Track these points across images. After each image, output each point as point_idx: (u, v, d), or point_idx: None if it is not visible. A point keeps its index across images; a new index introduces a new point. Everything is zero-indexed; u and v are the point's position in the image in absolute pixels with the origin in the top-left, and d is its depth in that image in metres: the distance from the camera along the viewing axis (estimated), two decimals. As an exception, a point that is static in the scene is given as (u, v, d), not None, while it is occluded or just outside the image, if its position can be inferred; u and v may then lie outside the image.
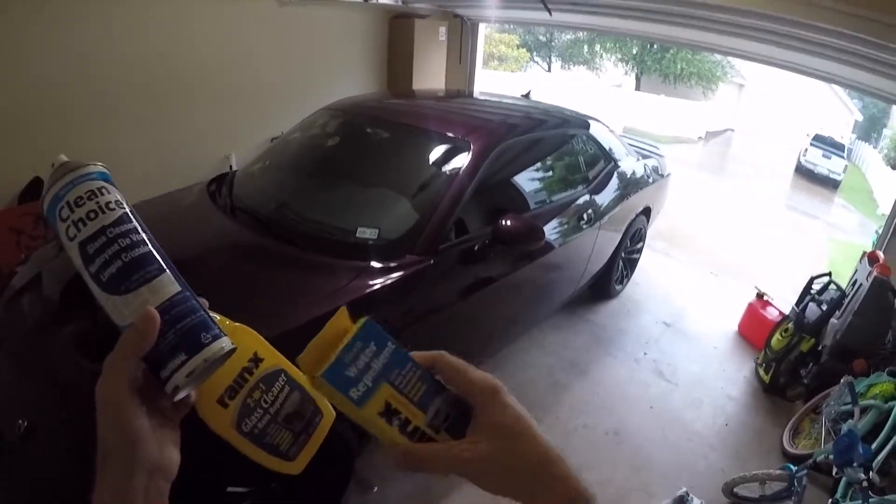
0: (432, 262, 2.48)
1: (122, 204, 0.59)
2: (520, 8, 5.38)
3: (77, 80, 4.09)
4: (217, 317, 0.64)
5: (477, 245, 2.68)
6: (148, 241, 0.59)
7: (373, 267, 2.36)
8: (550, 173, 3.54)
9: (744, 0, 2.79)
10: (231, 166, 5.29)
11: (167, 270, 0.59)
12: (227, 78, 5.11)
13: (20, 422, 1.72)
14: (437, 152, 2.99)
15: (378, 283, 2.29)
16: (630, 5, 4.12)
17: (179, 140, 4.94)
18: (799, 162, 18.49)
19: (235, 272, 2.35)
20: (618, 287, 4.71)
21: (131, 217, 0.59)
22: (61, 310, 2.18)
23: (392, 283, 2.33)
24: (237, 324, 0.68)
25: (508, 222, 2.63)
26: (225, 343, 0.58)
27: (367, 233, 2.52)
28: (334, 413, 0.69)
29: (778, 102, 25.71)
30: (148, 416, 0.54)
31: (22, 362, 2.05)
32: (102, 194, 0.58)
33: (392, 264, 2.39)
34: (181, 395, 0.57)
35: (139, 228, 0.59)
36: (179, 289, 0.59)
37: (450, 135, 2.99)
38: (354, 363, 0.56)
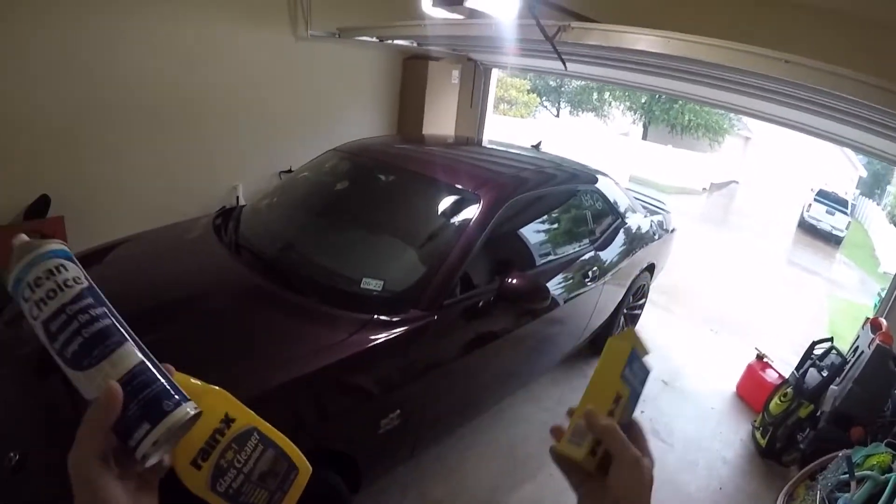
0: (436, 318, 2.46)
1: (79, 279, 0.62)
2: (535, 57, 5.42)
3: (86, 102, 4.11)
4: (189, 379, 0.67)
5: (481, 301, 2.67)
6: (108, 314, 0.62)
7: (376, 320, 2.32)
8: (557, 229, 3.53)
9: (759, 64, 2.79)
10: (238, 197, 5.31)
11: (128, 341, 0.62)
12: (238, 108, 5.15)
13: (11, 454, 1.68)
14: (446, 204, 2.99)
15: (380, 338, 2.26)
16: (641, 60, 4.15)
17: (188, 167, 4.96)
18: (802, 217, 18.59)
19: (232, 315, 2.31)
20: (617, 342, 4.61)
21: (89, 292, 0.62)
22: None
23: (394, 338, 2.29)
24: (207, 385, 0.69)
25: (514, 280, 2.62)
26: (188, 408, 0.60)
27: (371, 284, 2.50)
28: (311, 468, 0.72)
29: (783, 156, 25.91)
30: (123, 481, 0.57)
31: (16, 389, 2.01)
32: (60, 272, 0.61)
33: (395, 318, 2.36)
34: (151, 461, 0.59)
35: (98, 302, 0.62)
36: (140, 359, 0.61)
37: (460, 187, 2.98)
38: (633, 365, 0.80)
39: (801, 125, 4.89)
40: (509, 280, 2.63)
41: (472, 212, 2.81)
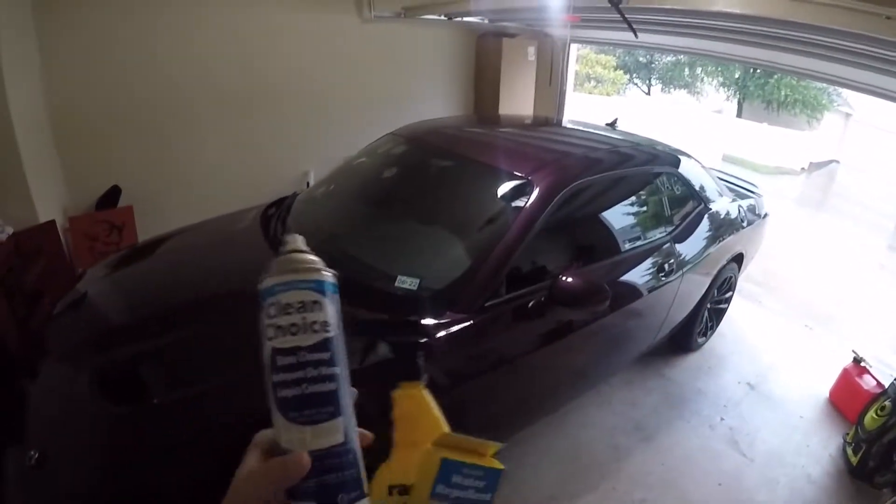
0: (473, 322, 2.21)
1: (327, 327, 0.57)
2: (607, 28, 5.12)
3: (157, 96, 4.24)
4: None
5: (531, 302, 2.39)
6: (337, 377, 0.58)
7: (406, 323, 2.13)
8: (629, 218, 3.19)
9: (855, 22, 2.40)
10: (308, 183, 5.30)
11: (340, 416, 0.57)
12: (306, 93, 5.16)
13: (31, 453, 1.69)
14: (494, 192, 2.71)
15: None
16: (724, 25, 3.77)
17: (256, 155, 5.01)
18: (910, 200, 17.25)
19: (242, 318, 2.17)
20: (700, 340, 4.26)
21: (331, 345, 0.58)
22: (95, 342, 2.12)
23: (425, 343, 2.09)
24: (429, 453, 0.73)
25: (569, 280, 2.33)
26: None
27: (406, 282, 2.28)
28: None
29: (889, 134, 24.11)
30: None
31: (48, 383, 2.02)
32: (312, 310, 0.57)
33: (429, 322, 2.14)
34: None
35: (334, 359, 0.58)
36: (342, 440, 0.57)
37: (512, 172, 2.69)
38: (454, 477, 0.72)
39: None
40: (563, 279, 2.35)
41: (524, 200, 2.53)
